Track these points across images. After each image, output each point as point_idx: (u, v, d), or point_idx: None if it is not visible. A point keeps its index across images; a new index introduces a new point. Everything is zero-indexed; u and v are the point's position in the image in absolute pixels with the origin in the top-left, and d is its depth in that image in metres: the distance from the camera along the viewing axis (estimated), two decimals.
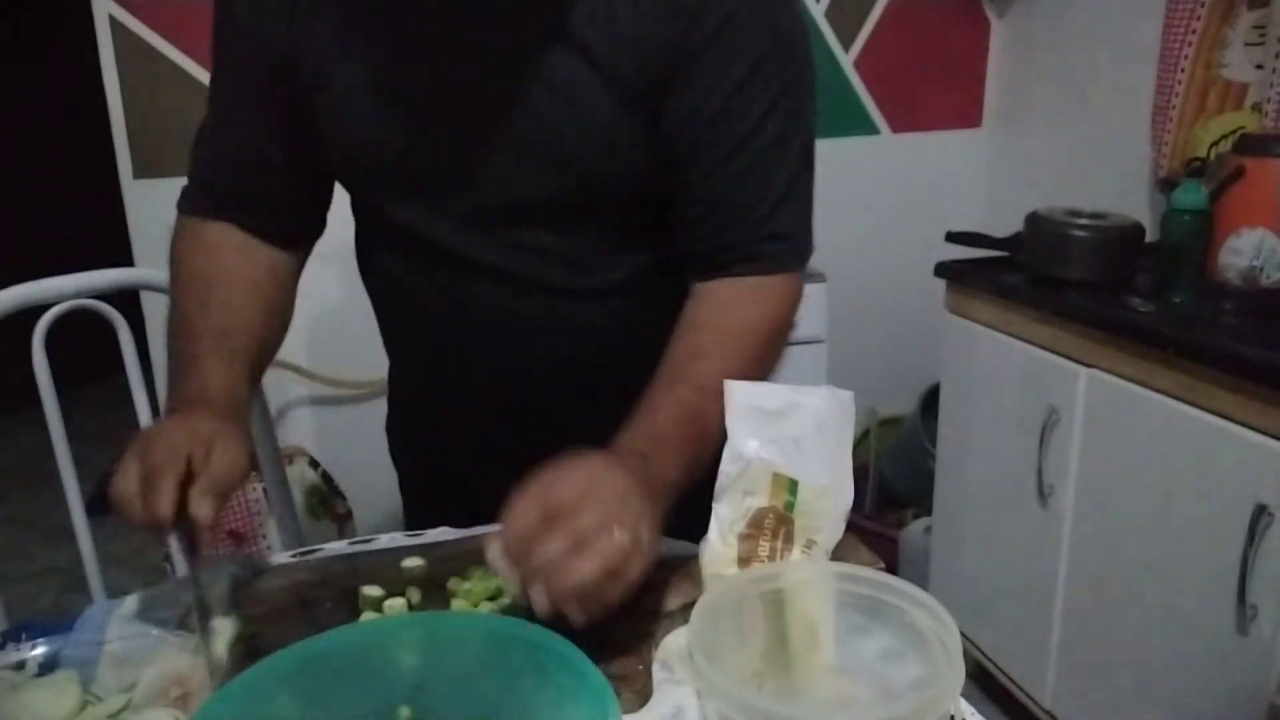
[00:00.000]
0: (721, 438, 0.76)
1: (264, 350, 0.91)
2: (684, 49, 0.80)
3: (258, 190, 0.93)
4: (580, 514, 0.64)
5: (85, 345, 1.79)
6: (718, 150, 0.83)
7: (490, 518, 0.85)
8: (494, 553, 0.65)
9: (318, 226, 1.00)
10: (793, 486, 0.73)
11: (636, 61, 0.80)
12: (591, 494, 0.65)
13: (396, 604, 0.75)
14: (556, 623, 0.64)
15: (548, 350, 0.92)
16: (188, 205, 0.95)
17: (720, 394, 0.77)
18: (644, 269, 0.92)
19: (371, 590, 0.76)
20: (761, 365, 0.86)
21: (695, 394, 0.79)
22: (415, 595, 0.77)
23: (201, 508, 0.70)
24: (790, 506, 0.73)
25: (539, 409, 0.95)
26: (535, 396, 0.95)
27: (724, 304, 0.87)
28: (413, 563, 0.80)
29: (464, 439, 1.02)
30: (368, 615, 0.75)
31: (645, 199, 0.87)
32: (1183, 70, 1.91)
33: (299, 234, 0.98)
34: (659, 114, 0.83)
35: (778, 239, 0.87)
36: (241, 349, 0.87)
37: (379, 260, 0.98)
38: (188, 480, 0.70)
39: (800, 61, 0.86)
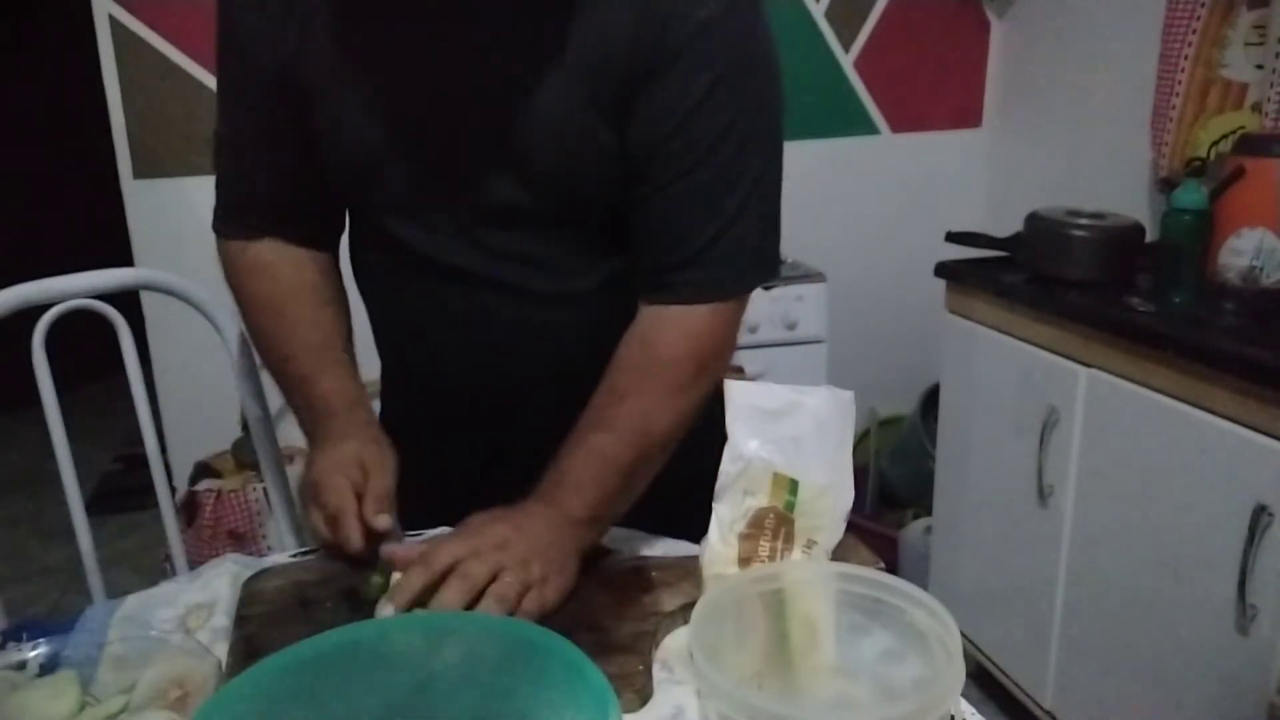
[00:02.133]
0: (633, 471, 0.83)
1: (350, 346, 0.98)
2: (650, 60, 0.80)
3: (286, 203, 0.95)
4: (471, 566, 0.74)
5: (85, 345, 1.78)
6: (671, 168, 0.83)
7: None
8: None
9: (342, 225, 1.02)
10: (793, 486, 0.73)
11: (609, 74, 0.81)
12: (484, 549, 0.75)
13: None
14: (554, 622, 0.64)
15: (528, 353, 0.93)
16: (226, 230, 0.98)
17: (628, 431, 0.83)
18: (621, 274, 0.92)
19: (377, 577, 0.76)
20: (685, 395, 0.85)
21: (601, 435, 0.84)
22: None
23: (381, 522, 0.81)
24: (790, 506, 0.73)
25: (521, 410, 0.96)
26: (517, 398, 0.96)
27: (648, 340, 0.87)
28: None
29: (451, 438, 1.02)
30: (383, 606, 0.74)
31: (620, 206, 0.88)
32: (1183, 70, 1.91)
33: (330, 233, 1.01)
34: (626, 124, 0.83)
35: (719, 264, 0.85)
36: (337, 356, 0.95)
37: (367, 261, 1.00)
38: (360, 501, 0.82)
39: (764, 83, 0.85)
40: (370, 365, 1.07)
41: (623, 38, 0.80)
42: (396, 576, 0.76)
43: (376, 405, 1.13)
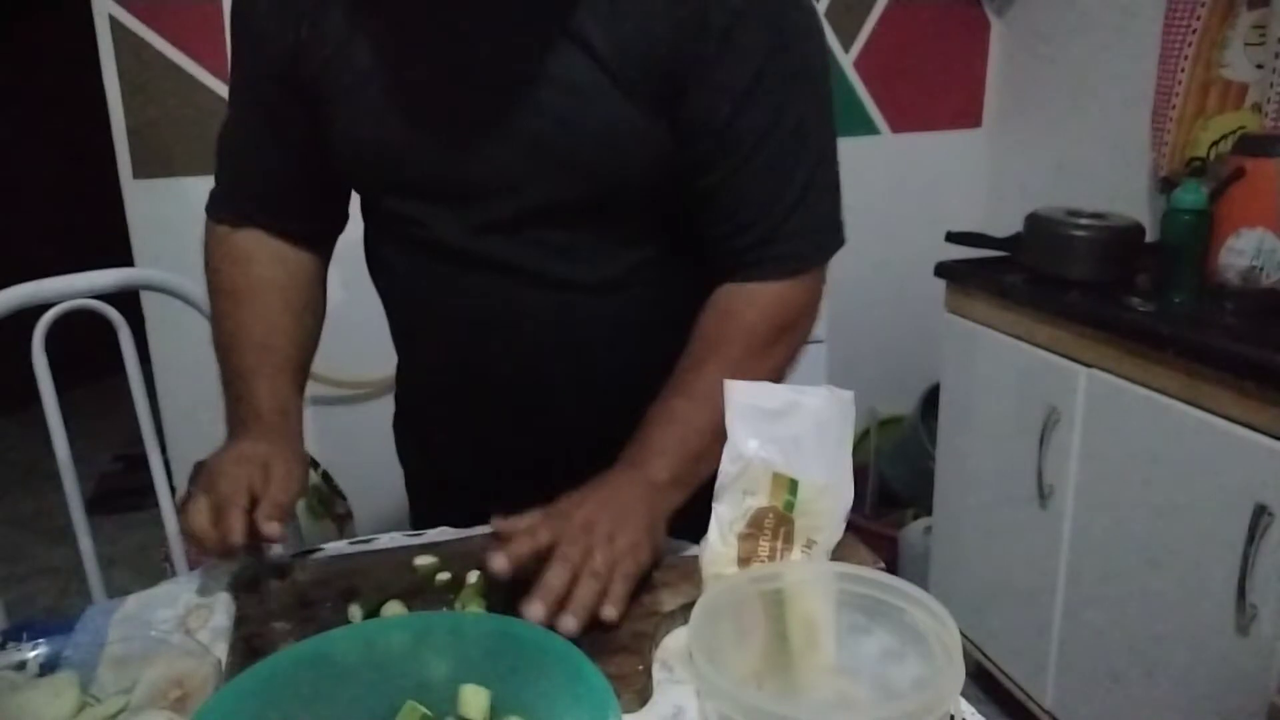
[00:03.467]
0: (715, 434, 0.78)
1: (304, 355, 0.97)
2: (693, 52, 0.80)
3: (278, 195, 0.96)
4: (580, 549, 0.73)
5: (85, 345, 1.79)
6: (734, 154, 0.84)
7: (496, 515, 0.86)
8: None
9: (340, 221, 1.03)
10: (793, 486, 0.73)
11: (643, 61, 0.80)
12: (589, 531, 0.74)
13: (394, 607, 0.75)
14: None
15: (552, 344, 0.93)
16: (216, 213, 0.98)
17: (708, 397, 0.80)
18: (647, 264, 0.92)
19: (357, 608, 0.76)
20: (765, 358, 0.87)
21: (682, 400, 0.84)
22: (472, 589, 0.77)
23: (271, 530, 0.77)
24: (790, 506, 0.73)
25: (543, 404, 0.96)
26: (540, 391, 0.95)
27: (725, 311, 0.88)
28: (425, 560, 0.81)
29: (469, 435, 1.02)
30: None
31: (649, 196, 0.87)
32: (1183, 70, 1.91)
33: (322, 232, 1.01)
34: (674, 117, 0.83)
35: (797, 237, 0.87)
36: (282, 362, 0.93)
37: (386, 255, 0.99)
38: (253, 505, 0.78)
39: (810, 52, 0.86)
40: (379, 363, 1.07)
41: (659, 25, 0.79)
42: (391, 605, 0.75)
43: (383, 404, 1.13)
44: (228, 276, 0.96)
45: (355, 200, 1.00)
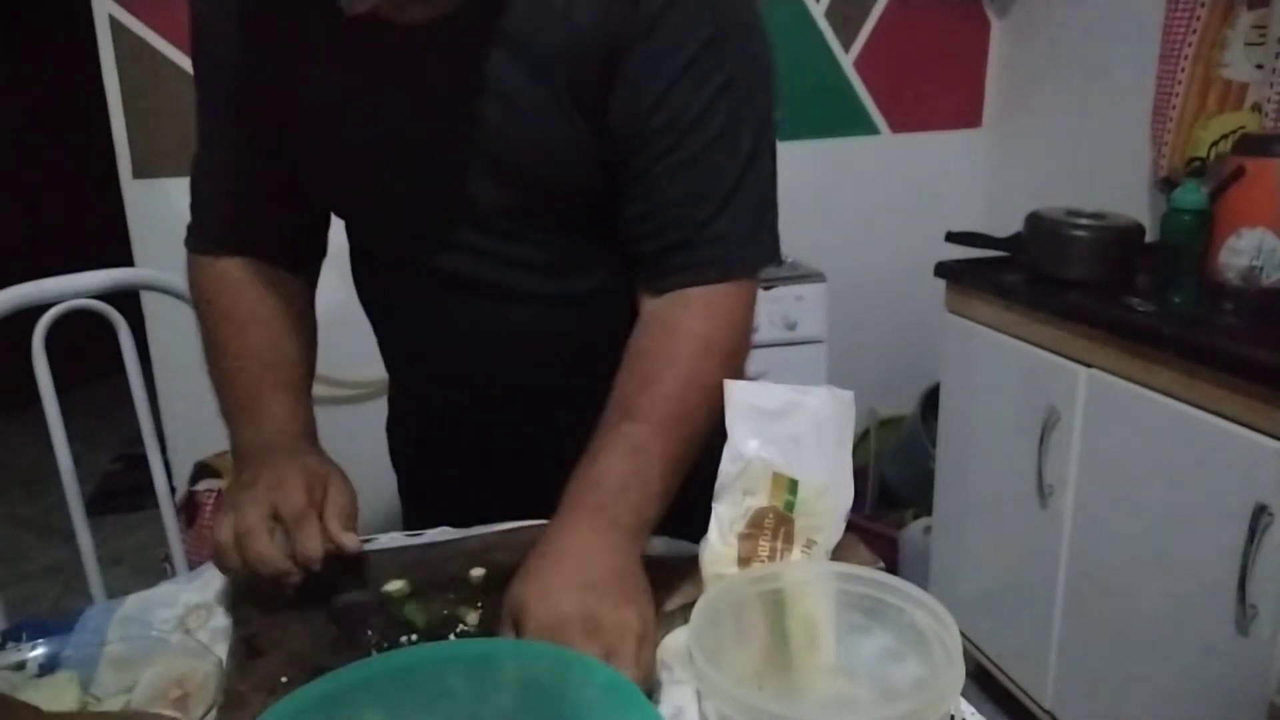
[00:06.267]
0: (667, 466, 0.75)
1: (309, 375, 0.95)
2: (623, 37, 0.77)
3: (259, 222, 0.93)
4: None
5: (85, 345, 1.79)
6: (655, 144, 0.79)
7: (487, 519, 0.86)
8: None
9: (321, 248, 1.00)
10: (793, 486, 0.73)
11: (579, 60, 0.78)
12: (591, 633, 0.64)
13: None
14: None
15: (534, 356, 0.92)
16: (197, 244, 0.95)
17: (666, 422, 0.76)
18: (623, 272, 0.88)
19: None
20: (716, 382, 0.78)
21: (639, 426, 0.75)
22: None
23: (349, 540, 0.76)
24: (790, 506, 0.73)
25: (530, 414, 0.95)
26: (525, 402, 0.95)
27: (669, 325, 0.81)
28: (395, 585, 0.79)
29: (459, 444, 1.02)
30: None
31: (604, 202, 0.85)
32: (1183, 70, 1.91)
33: (304, 257, 0.99)
34: (602, 112, 0.80)
35: (723, 241, 0.81)
36: (294, 380, 0.91)
37: (367, 274, 0.99)
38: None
39: (751, 49, 0.81)
40: (376, 363, 1.07)
41: (590, 23, 0.76)
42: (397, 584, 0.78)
43: (382, 404, 1.13)
44: (220, 304, 0.93)
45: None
